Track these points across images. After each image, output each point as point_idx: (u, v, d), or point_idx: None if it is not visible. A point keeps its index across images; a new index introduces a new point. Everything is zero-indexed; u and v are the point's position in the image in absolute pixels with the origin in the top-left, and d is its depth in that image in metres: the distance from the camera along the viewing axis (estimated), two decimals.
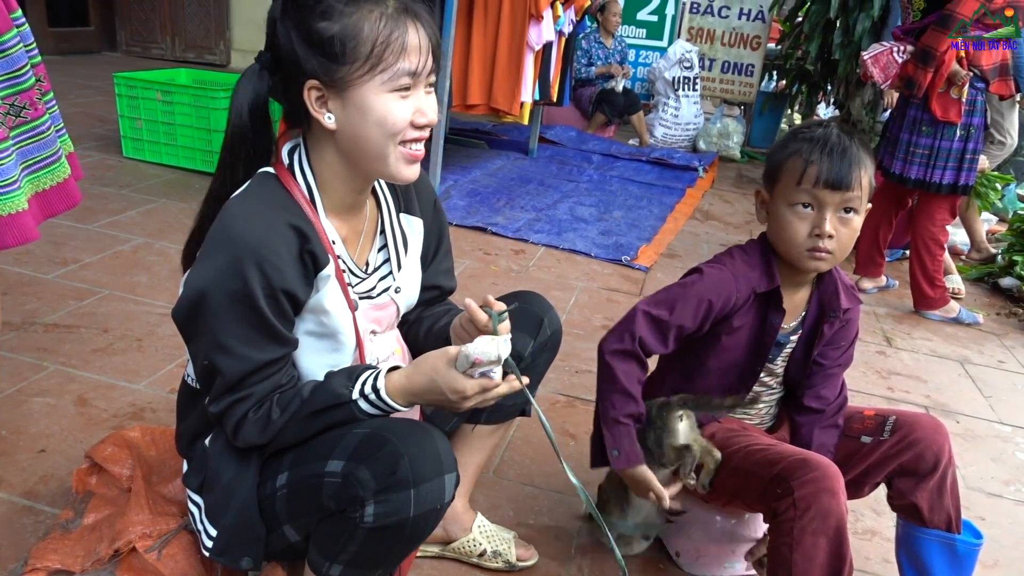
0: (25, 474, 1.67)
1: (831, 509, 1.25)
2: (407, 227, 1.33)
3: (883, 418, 1.52)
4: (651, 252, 3.79)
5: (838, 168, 1.35)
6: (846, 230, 1.39)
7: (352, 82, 1.06)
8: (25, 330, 2.25)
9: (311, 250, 1.11)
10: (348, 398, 1.10)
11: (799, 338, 1.53)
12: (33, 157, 1.43)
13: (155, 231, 3.16)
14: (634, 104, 6.44)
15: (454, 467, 1.11)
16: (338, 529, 1.11)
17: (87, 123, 4.74)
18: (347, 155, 1.14)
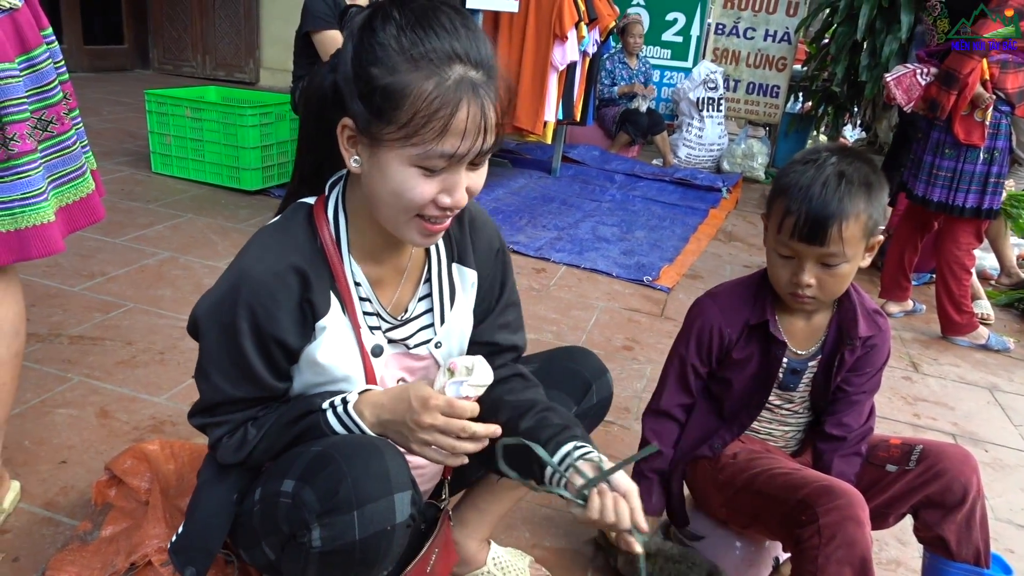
0: (46, 485, 1.69)
1: (857, 538, 1.23)
2: (458, 278, 1.24)
3: (909, 447, 1.48)
4: (673, 273, 3.76)
5: (813, 224, 1.30)
6: (830, 279, 1.36)
7: (383, 141, 0.98)
8: (51, 342, 2.29)
9: (311, 298, 1.08)
10: (318, 407, 1.09)
11: (819, 364, 1.50)
12: (58, 171, 1.45)
13: (181, 246, 3.20)
14: (658, 124, 6.44)
15: (407, 486, 1.03)
16: (296, 554, 1.07)
17: (118, 138, 4.83)
18: (368, 202, 1.07)
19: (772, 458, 1.48)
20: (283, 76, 7.06)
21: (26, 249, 1.37)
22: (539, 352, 1.47)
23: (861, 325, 1.45)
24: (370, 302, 1.15)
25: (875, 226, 1.34)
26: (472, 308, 1.27)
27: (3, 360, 1.47)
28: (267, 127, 3.97)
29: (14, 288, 1.48)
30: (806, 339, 1.50)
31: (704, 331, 1.53)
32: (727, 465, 1.49)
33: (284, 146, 4.13)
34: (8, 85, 1.30)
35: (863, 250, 1.35)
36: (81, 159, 1.50)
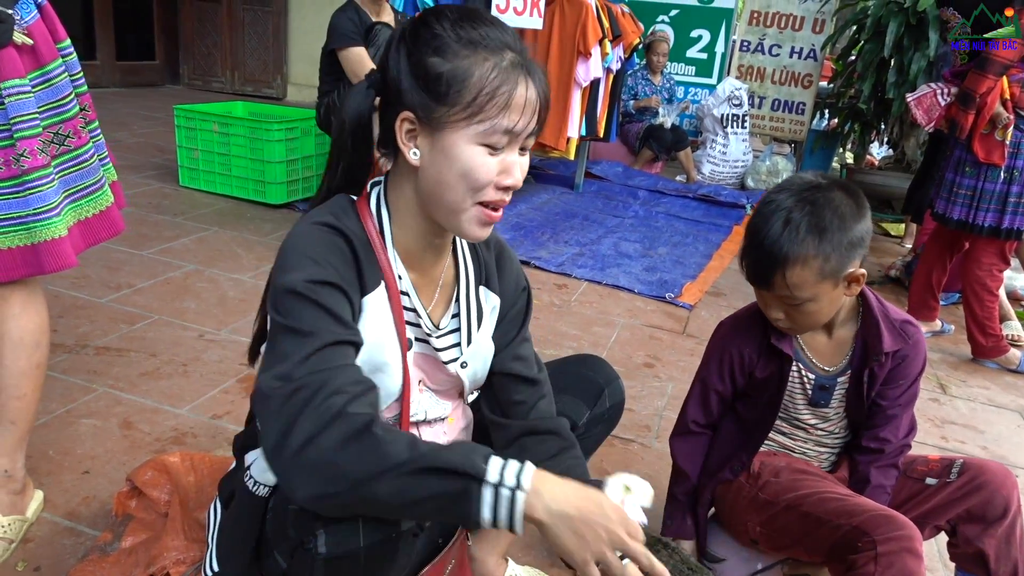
0: (68, 495, 1.71)
1: (914, 571, 1.22)
2: (484, 301, 1.26)
3: (950, 461, 1.47)
4: (696, 290, 3.74)
5: (755, 269, 1.36)
6: (798, 313, 1.37)
7: (447, 124, 1.02)
8: (77, 352, 2.32)
9: (361, 269, 1.08)
10: (480, 475, 0.90)
11: (848, 379, 1.48)
12: (76, 185, 1.46)
13: (206, 259, 3.24)
14: (682, 140, 6.42)
15: None
16: (304, 561, 1.06)
17: (148, 152, 4.92)
18: (424, 197, 1.09)
19: (819, 480, 1.47)
20: (310, 92, 7.15)
21: (40, 264, 1.39)
22: (551, 361, 1.47)
23: (886, 340, 1.43)
24: (409, 297, 1.16)
25: (839, 266, 1.31)
26: (491, 334, 1.27)
27: (25, 371, 1.49)
28: (293, 142, 4.02)
29: (36, 300, 1.50)
30: (832, 354, 1.48)
31: (724, 353, 1.55)
32: (769, 483, 1.47)
33: (309, 161, 4.18)
34: (19, 101, 1.31)
35: (831, 288, 1.33)
36: (99, 172, 1.51)
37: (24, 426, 1.53)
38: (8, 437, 1.52)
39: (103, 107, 6.39)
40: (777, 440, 1.56)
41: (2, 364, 1.47)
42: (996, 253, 3.13)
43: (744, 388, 1.56)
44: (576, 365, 1.49)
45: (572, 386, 1.44)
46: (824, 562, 1.41)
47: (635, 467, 2.10)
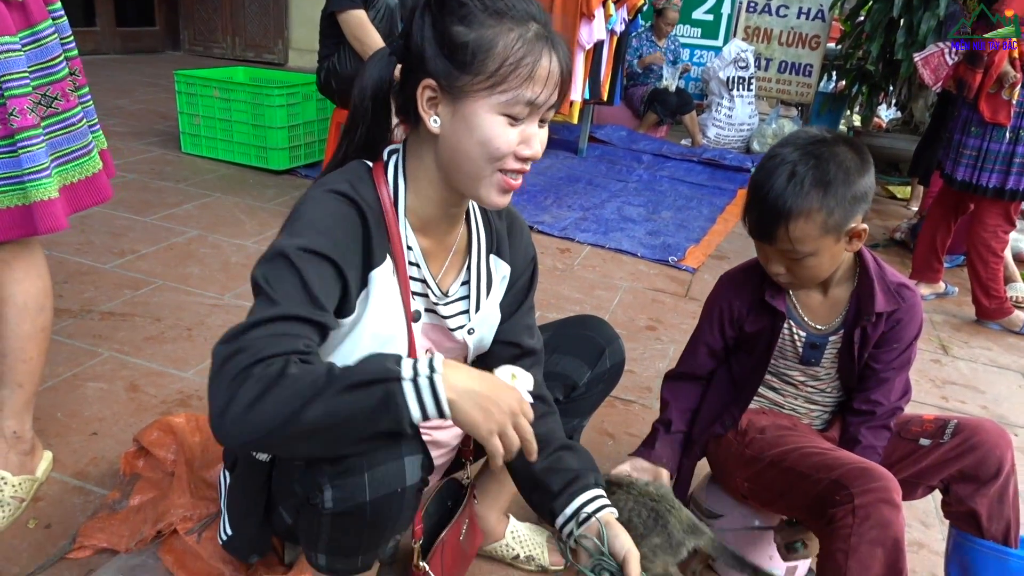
0: (77, 455, 1.74)
1: (891, 520, 1.22)
2: (494, 269, 1.27)
3: (944, 422, 1.48)
4: (699, 253, 3.73)
5: (759, 222, 1.35)
6: (799, 267, 1.37)
7: (469, 93, 1.02)
8: (82, 317, 2.34)
9: (370, 243, 1.08)
10: (396, 374, 0.93)
11: (841, 338, 1.48)
12: (62, 149, 1.44)
13: (209, 224, 3.24)
14: (687, 104, 6.36)
15: (418, 451, 1.04)
16: (309, 517, 1.09)
17: (149, 119, 4.90)
18: (443, 165, 1.09)
19: (803, 435, 1.47)
20: (312, 57, 7.06)
21: (34, 224, 1.39)
22: (552, 322, 1.48)
23: (879, 300, 1.42)
24: (418, 267, 1.16)
25: (842, 220, 1.31)
26: (500, 302, 1.28)
27: (30, 335, 1.51)
28: (294, 107, 4.00)
29: (39, 264, 1.51)
30: (826, 314, 1.48)
31: (715, 306, 1.56)
32: (755, 439, 1.49)
33: (311, 126, 4.16)
34: (9, 59, 1.30)
35: (832, 242, 1.33)
36: (88, 137, 1.50)
37: (31, 388, 1.56)
38: (16, 399, 1.54)
39: (103, 74, 6.36)
40: (768, 396, 1.57)
41: (8, 328, 1.49)
42: (1001, 214, 3.11)
43: (736, 342, 1.57)
44: (577, 326, 1.50)
45: (573, 346, 1.45)
46: (807, 518, 1.43)
47: (636, 428, 2.13)
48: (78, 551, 1.45)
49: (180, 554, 1.42)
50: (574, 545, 1.14)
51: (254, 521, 1.21)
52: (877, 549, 1.22)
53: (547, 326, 1.50)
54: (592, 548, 1.11)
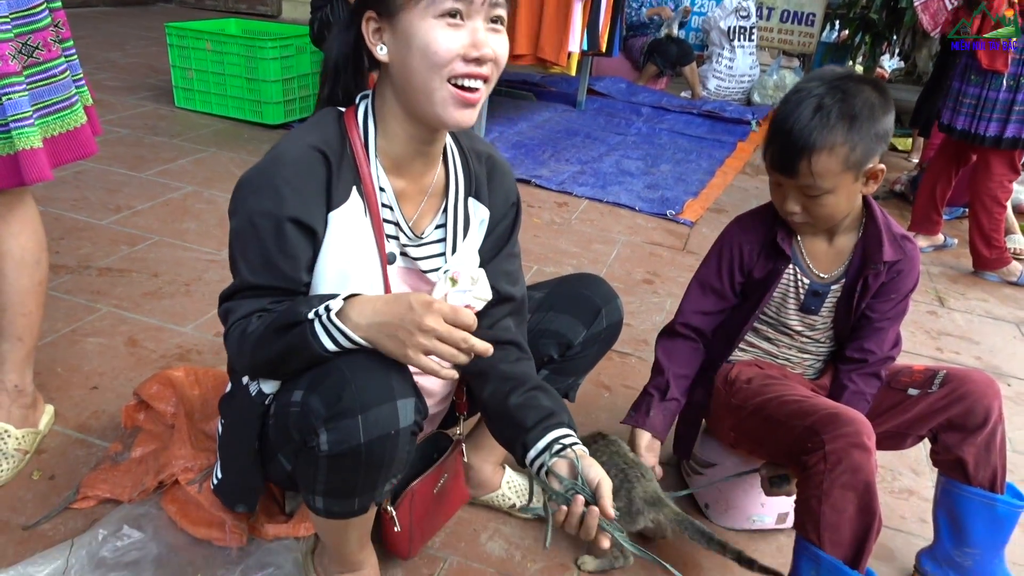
0: (78, 409, 1.76)
1: (861, 464, 1.24)
2: (472, 212, 1.25)
3: (933, 372, 1.49)
4: (697, 207, 3.72)
5: (781, 156, 1.34)
6: (816, 206, 1.37)
7: (402, 7, 1.02)
8: (80, 273, 2.34)
9: (331, 187, 1.09)
10: (304, 316, 1.02)
11: (842, 287, 1.49)
12: (43, 100, 1.41)
13: (204, 180, 3.22)
14: (687, 55, 6.26)
15: (410, 394, 1.06)
16: (306, 461, 1.11)
17: (142, 73, 4.83)
18: (399, 93, 1.09)
19: (785, 384, 1.49)
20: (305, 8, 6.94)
21: (20, 174, 1.37)
22: (549, 280, 1.48)
23: (886, 249, 1.43)
24: (391, 210, 1.16)
25: (863, 157, 1.31)
26: (479, 247, 1.27)
27: (27, 289, 1.51)
28: (288, 59, 3.94)
29: (33, 218, 1.51)
30: (830, 262, 1.49)
31: (725, 249, 1.55)
32: (740, 389, 1.50)
33: (305, 79, 4.10)
34: None
35: (851, 180, 1.34)
36: (71, 90, 1.47)
37: (30, 342, 1.57)
38: (17, 353, 1.55)
39: (94, 26, 6.26)
40: (761, 346, 1.58)
41: (6, 282, 1.50)
42: (1006, 163, 3.09)
43: (742, 289, 1.56)
44: (574, 284, 1.49)
45: (569, 305, 1.44)
46: (789, 464, 1.45)
47: (632, 380, 2.15)
48: (82, 501, 1.48)
49: (182, 504, 1.45)
50: (546, 476, 1.13)
51: (244, 462, 1.22)
52: (849, 493, 1.25)
53: (544, 284, 1.49)
54: (565, 475, 1.11)
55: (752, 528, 1.67)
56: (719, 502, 1.67)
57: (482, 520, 1.61)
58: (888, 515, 1.75)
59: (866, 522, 1.25)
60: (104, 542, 1.38)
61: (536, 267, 2.81)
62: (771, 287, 1.50)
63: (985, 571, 1.50)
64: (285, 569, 1.37)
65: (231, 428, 1.24)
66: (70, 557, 1.34)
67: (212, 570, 1.37)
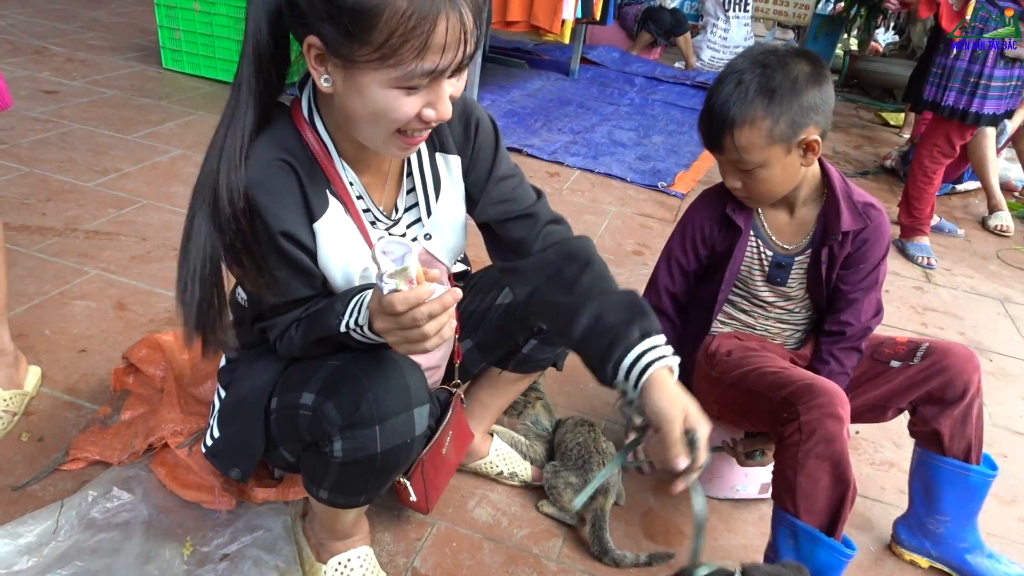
0: (67, 371, 1.75)
1: (836, 435, 1.26)
2: (442, 168, 1.19)
3: (915, 345, 1.50)
4: (688, 179, 3.72)
5: (707, 132, 1.38)
6: (753, 181, 1.39)
7: (358, 63, 0.90)
8: (67, 236, 2.32)
9: (307, 197, 1.04)
10: (337, 330, 1.03)
11: (808, 258, 1.50)
12: None
13: (193, 143, 3.19)
14: (681, 24, 6.20)
15: (425, 400, 1.07)
16: (316, 460, 1.12)
17: (128, 33, 4.74)
18: (341, 115, 1.01)
19: (765, 356, 1.50)
20: None
21: None
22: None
23: (844, 219, 1.43)
24: (363, 199, 1.13)
25: (789, 130, 1.31)
26: (463, 194, 1.22)
27: None
28: None
29: None
30: (793, 234, 1.50)
31: (688, 224, 1.57)
32: (721, 362, 1.52)
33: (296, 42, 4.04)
34: None
35: (783, 153, 1.34)
36: None
37: (1, 301, 1.56)
38: None
39: None
40: (739, 319, 1.59)
41: None
42: (942, 135, 3.02)
43: (708, 264, 1.58)
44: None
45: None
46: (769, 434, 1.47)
47: None
48: (72, 463, 1.49)
49: (172, 467, 1.46)
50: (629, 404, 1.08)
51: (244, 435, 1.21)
52: (823, 463, 1.27)
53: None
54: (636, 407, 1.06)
55: (735, 497, 1.70)
56: (703, 472, 1.69)
57: (470, 487, 1.63)
58: (868, 486, 1.80)
59: (840, 491, 1.28)
60: (94, 503, 1.39)
61: None
62: (734, 260, 1.51)
63: (956, 537, 1.54)
64: (275, 532, 1.38)
65: (235, 396, 1.23)
66: (59, 518, 1.35)
67: (202, 532, 1.38)
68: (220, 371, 1.32)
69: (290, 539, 1.38)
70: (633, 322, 1.08)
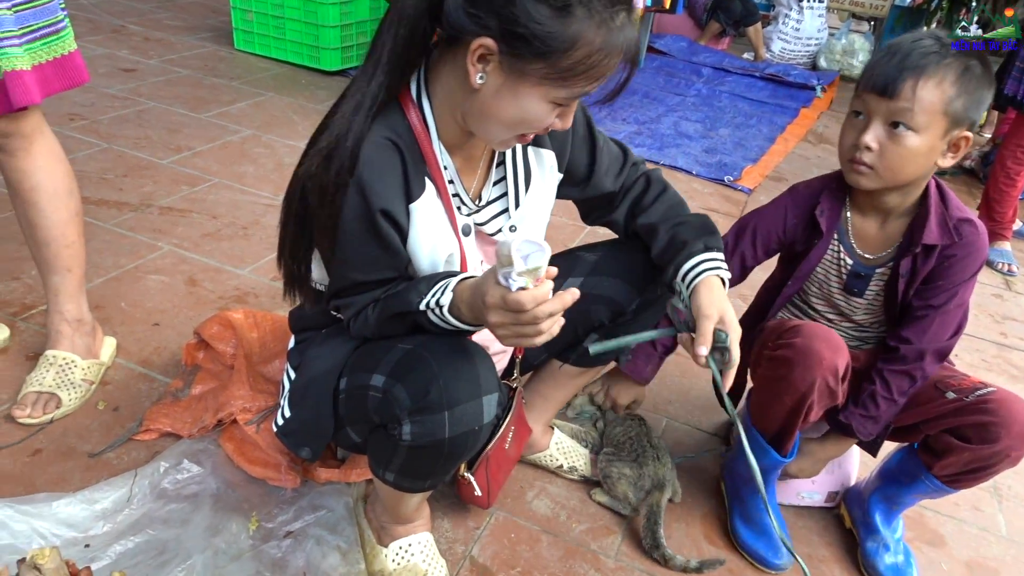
0: (141, 344, 1.80)
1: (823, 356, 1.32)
2: (535, 161, 1.22)
3: (981, 386, 1.38)
4: (756, 173, 3.63)
5: (886, 72, 1.25)
6: (894, 147, 1.27)
7: (528, 75, 0.95)
8: (142, 211, 2.39)
9: (408, 178, 1.05)
10: (416, 307, 1.06)
11: (889, 270, 1.42)
12: (29, 25, 1.37)
13: (262, 124, 3.24)
14: (752, 14, 6.03)
15: (495, 388, 1.07)
16: (384, 442, 1.13)
17: (202, 13, 4.84)
18: (468, 110, 1.04)
19: None
20: None
21: (8, 99, 1.35)
22: (604, 241, 1.44)
23: (931, 232, 1.34)
24: (454, 184, 1.14)
25: (962, 112, 1.24)
26: (554, 188, 1.26)
27: (67, 220, 1.55)
28: (347, 4, 3.90)
29: (55, 150, 1.52)
30: (879, 244, 1.42)
31: (769, 217, 1.51)
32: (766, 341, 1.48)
33: (364, 26, 4.07)
34: None
35: (940, 133, 1.26)
36: (57, 14, 1.43)
37: (79, 271, 1.61)
38: (68, 283, 1.60)
39: None
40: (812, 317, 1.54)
41: (43, 217, 1.53)
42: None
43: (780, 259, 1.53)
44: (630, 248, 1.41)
45: (624, 270, 1.37)
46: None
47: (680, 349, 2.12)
48: (144, 434, 1.53)
49: (239, 443, 1.49)
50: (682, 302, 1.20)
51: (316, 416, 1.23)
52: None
53: (600, 245, 1.45)
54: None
55: (800, 504, 1.65)
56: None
57: (529, 478, 1.62)
58: (941, 501, 1.72)
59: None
60: (165, 474, 1.43)
61: (589, 228, 2.78)
62: (808, 261, 1.45)
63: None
64: (337, 512, 1.40)
65: (306, 377, 1.24)
66: (133, 486, 1.39)
67: (267, 508, 1.41)
68: (290, 352, 1.34)
69: (352, 520, 1.39)
70: (700, 238, 1.23)
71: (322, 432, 1.22)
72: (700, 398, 1.95)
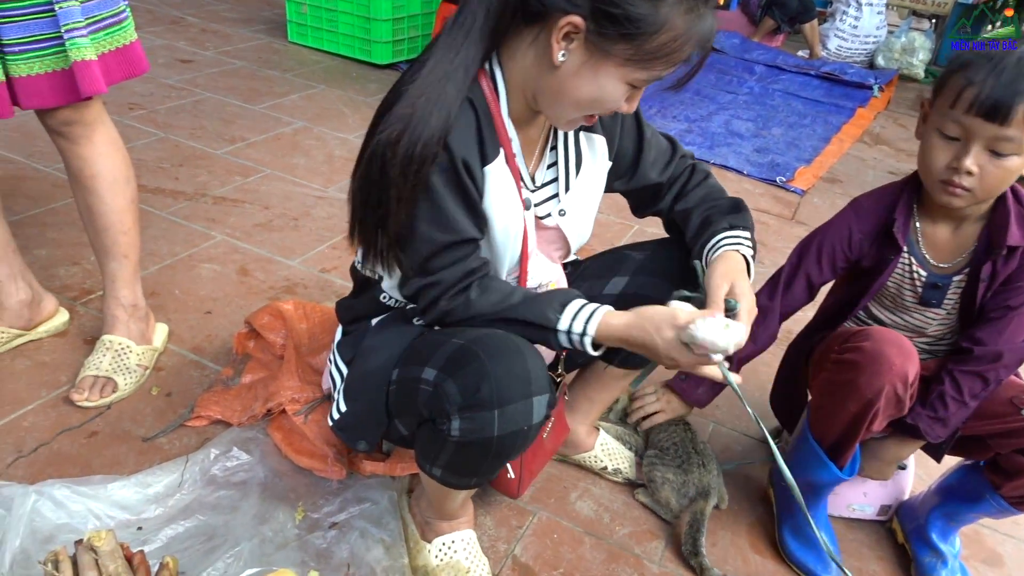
0: (193, 331, 1.84)
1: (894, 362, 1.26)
2: (586, 146, 1.23)
3: None
4: (809, 175, 3.55)
5: (999, 94, 1.14)
6: (995, 170, 1.19)
7: (611, 55, 0.98)
8: (196, 201, 2.43)
9: (483, 136, 1.06)
10: (552, 326, 1.09)
11: (966, 277, 1.36)
12: (94, 16, 1.40)
13: (314, 116, 3.28)
14: (808, 11, 5.90)
15: (545, 389, 1.06)
16: (432, 437, 1.12)
17: (257, 5, 4.92)
18: (541, 86, 1.05)
19: None
20: None
21: (75, 88, 1.38)
22: (651, 240, 1.42)
23: (1013, 232, 1.28)
24: (517, 157, 1.15)
25: None
26: (604, 175, 1.27)
27: (124, 207, 1.58)
28: None
29: (114, 138, 1.55)
30: (951, 251, 1.36)
31: (833, 232, 1.44)
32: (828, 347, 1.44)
33: (415, 20, 4.08)
34: None
35: None
36: (120, 5, 1.45)
37: (134, 258, 1.64)
38: (125, 270, 1.64)
39: None
40: None
41: (103, 204, 1.56)
42: None
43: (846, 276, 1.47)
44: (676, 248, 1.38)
45: (668, 271, 1.35)
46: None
47: None
48: (196, 420, 1.56)
49: (288, 433, 1.50)
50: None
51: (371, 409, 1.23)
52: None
53: (647, 243, 1.43)
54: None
55: (851, 516, 1.61)
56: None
57: (572, 479, 1.61)
58: (1000, 520, 1.66)
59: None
60: (215, 461, 1.45)
61: (637, 227, 2.75)
62: (881, 277, 1.39)
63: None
64: (381, 505, 1.41)
65: (361, 370, 1.24)
66: (184, 472, 1.42)
67: (313, 499, 1.42)
68: (338, 344, 1.34)
69: (396, 514, 1.40)
70: (726, 217, 1.24)
71: (378, 424, 1.23)
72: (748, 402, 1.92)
